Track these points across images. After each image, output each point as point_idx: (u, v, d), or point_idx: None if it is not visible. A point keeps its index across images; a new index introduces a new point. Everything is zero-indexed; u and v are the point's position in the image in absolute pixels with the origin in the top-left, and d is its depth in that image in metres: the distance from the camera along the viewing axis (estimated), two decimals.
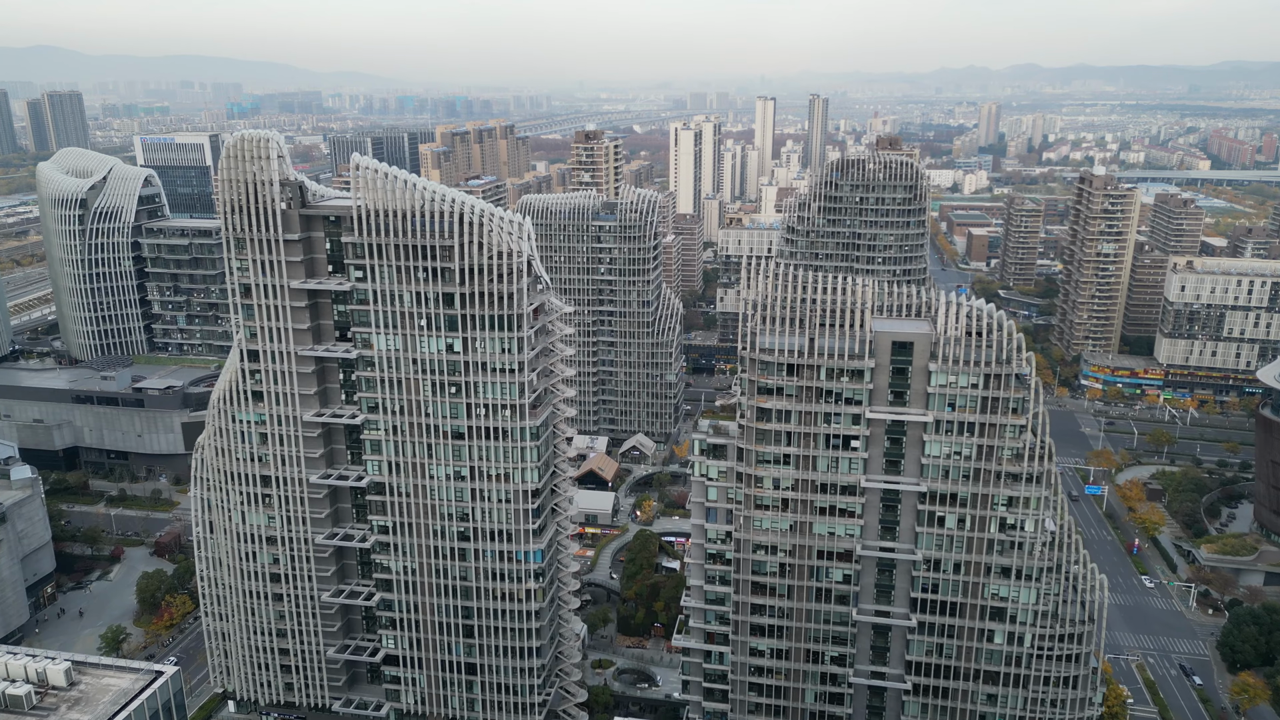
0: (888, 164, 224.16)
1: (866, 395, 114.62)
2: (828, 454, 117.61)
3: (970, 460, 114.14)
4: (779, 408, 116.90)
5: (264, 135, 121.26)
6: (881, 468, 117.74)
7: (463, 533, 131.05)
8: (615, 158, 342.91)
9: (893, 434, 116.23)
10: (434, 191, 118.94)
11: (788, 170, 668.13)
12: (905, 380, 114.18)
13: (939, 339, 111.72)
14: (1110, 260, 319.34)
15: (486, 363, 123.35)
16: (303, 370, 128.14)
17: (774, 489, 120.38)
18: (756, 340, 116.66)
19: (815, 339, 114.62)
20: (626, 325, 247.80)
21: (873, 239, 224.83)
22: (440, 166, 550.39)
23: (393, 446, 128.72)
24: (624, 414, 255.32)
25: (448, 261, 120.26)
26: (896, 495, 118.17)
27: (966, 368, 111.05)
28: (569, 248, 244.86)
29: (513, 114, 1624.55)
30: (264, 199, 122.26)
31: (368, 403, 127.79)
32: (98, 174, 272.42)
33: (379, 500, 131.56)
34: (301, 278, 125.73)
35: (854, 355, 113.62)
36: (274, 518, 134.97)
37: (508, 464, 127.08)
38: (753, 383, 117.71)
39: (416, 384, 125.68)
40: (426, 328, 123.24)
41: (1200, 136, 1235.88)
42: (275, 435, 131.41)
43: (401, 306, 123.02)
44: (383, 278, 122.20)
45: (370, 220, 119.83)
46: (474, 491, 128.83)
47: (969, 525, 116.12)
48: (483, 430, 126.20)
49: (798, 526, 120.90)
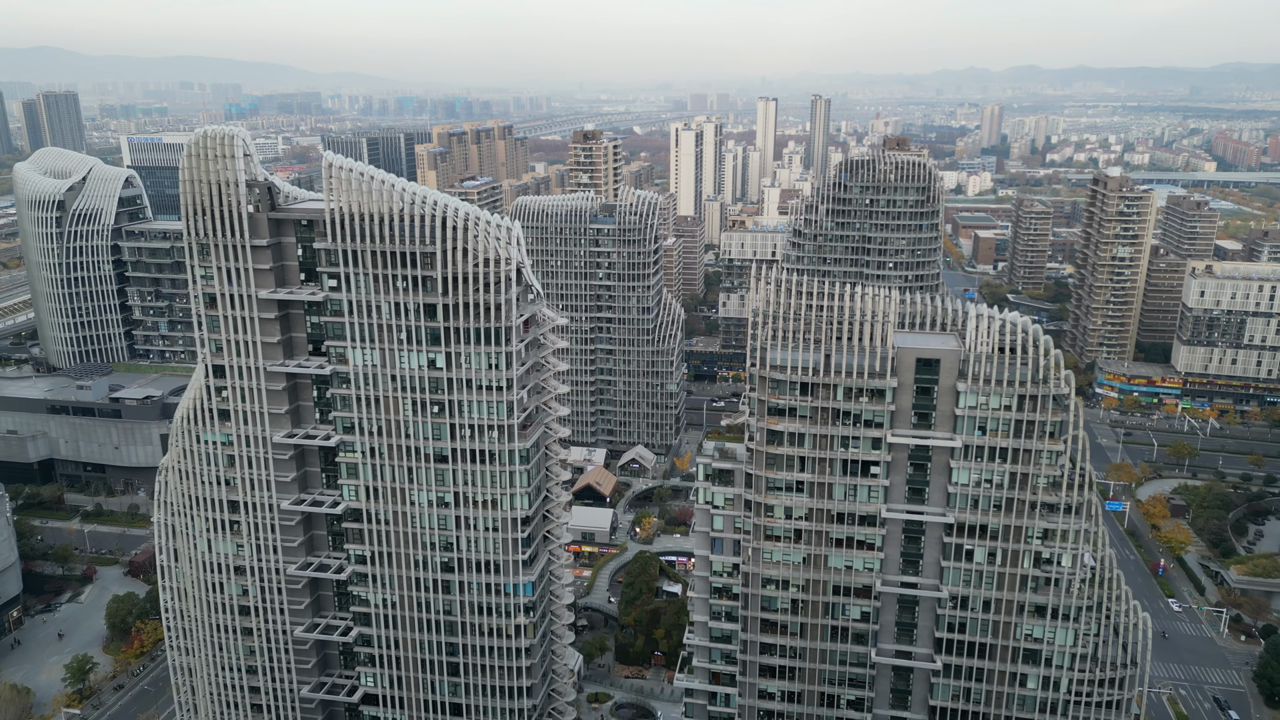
0: (899, 164, 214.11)
1: (888, 417, 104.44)
2: (845, 481, 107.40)
3: (1002, 489, 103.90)
4: (791, 430, 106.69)
5: (229, 131, 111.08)
6: (904, 496, 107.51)
7: (447, 563, 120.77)
8: (614, 158, 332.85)
9: (916, 460, 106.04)
10: (414, 193, 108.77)
11: (790, 171, 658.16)
12: (930, 401, 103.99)
13: (968, 355, 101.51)
14: (1126, 264, 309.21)
15: (472, 380, 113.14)
16: (273, 387, 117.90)
17: (786, 518, 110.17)
18: (767, 356, 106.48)
19: (832, 355, 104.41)
20: (626, 332, 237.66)
21: (883, 243, 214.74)
22: (437, 168, 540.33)
23: (370, 470, 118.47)
24: (623, 425, 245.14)
25: (429, 269, 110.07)
26: (920, 526, 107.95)
27: (998, 388, 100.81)
28: (566, 252, 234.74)
29: (512, 115, 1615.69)
30: (229, 201, 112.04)
31: (343, 423, 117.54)
32: (76, 174, 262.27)
33: (356, 528, 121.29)
34: (271, 287, 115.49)
35: (874, 373, 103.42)
36: (243, 546, 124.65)
37: (495, 489, 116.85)
38: (762, 402, 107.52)
39: (396, 402, 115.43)
40: (406, 341, 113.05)
41: (1204, 138, 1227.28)
42: (243, 457, 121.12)
43: (379, 318, 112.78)
44: (359, 287, 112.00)
45: (345, 224, 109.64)
46: (459, 519, 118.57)
47: (1000, 560, 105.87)
48: (468, 453, 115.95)
49: (811, 560, 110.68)
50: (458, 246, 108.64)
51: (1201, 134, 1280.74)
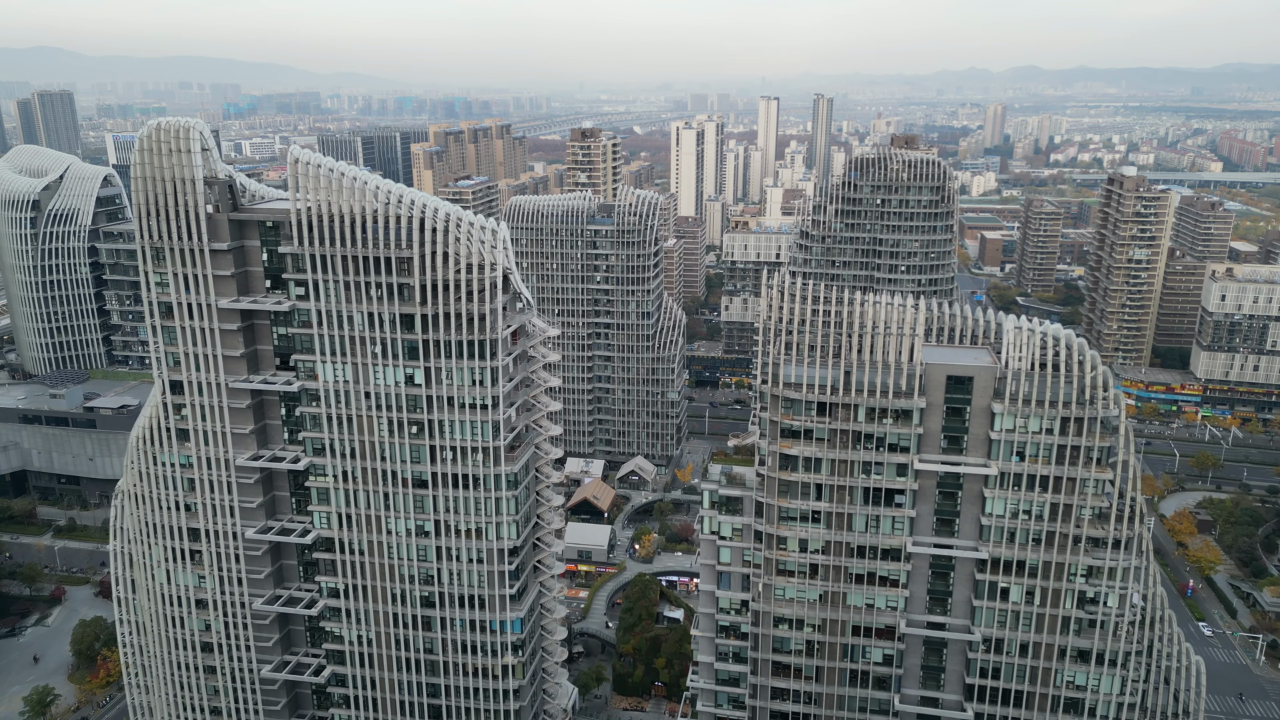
0: (912, 163, 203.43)
1: (914, 441, 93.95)
2: (866, 511, 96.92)
3: (1042, 521, 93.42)
4: (807, 454, 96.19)
5: (184, 123, 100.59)
6: (931, 528, 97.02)
7: (427, 598, 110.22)
8: (614, 157, 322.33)
9: (946, 488, 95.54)
10: (389, 192, 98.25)
11: (793, 171, 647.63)
12: (962, 423, 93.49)
13: (1004, 373, 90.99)
14: (1142, 267, 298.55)
15: (454, 397, 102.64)
16: (236, 405, 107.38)
17: (800, 552, 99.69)
18: (779, 372, 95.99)
19: (852, 371, 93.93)
20: (625, 339, 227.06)
21: (895, 245, 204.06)
22: (433, 167, 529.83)
23: (343, 496, 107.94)
24: (622, 435, 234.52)
25: (406, 276, 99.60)
26: (950, 562, 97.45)
27: (1039, 409, 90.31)
28: (562, 254, 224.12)
29: (512, 115, 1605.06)
30: (185, 200, 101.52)
31: (313, 444, 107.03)
32: (53, 173, 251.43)
33: (328, 558, 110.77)
34: (233, 295, 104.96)
35: (900, 392, 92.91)
36: (205, 577, 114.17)
37: (480, 518, 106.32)
38: (774, 423, 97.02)
39: (370, 422, 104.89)
40: (381, 355, 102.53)
41: (1209, 138, 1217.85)
42: (205, 481, 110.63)
43: (351, 330, 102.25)
44: (328, 295, 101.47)
45: (313, 226, 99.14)
46: (440, 550, 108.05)
47: (1039, 599, 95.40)
48: (450, 478, 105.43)
49: (829, 597, 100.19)
50: (438, 251, 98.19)
51: (1205, 134, 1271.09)
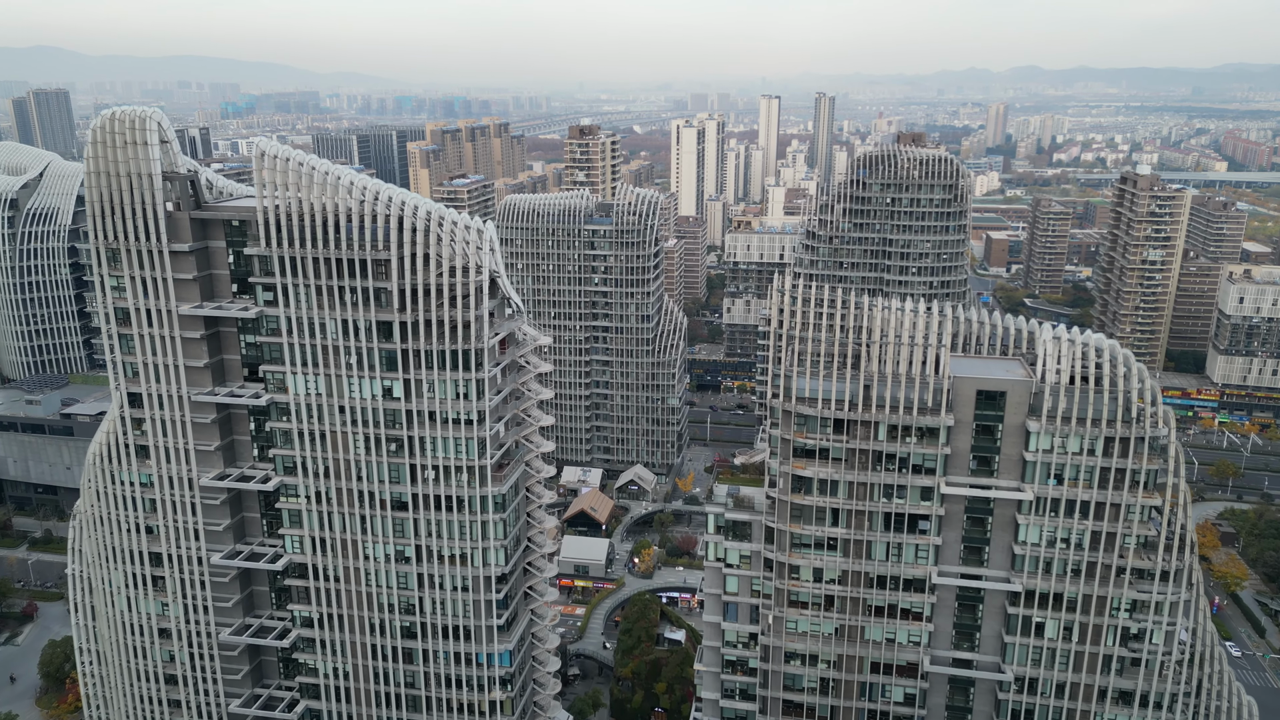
0: (923, 160, 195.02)
1: (941, 462, 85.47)
2: (887, 538, 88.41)
3: (1081, 550, 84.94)
4: (823, 476, 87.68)
5: (141, 112, 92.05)
6: (959, 557, 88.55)
7: (408, 628, 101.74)
8: (613, 155, 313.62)
9: (975, 513, 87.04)
10: (364, 188, 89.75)
11: (794, 170, 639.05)
12: (994, 442, 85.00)
13: (1041, 388, 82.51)
14: (1157, 268, 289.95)
15: (436, 412, 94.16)
16: (200, 419, 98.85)
17: (814, 582, 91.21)
18: (792, 385, 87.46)
19: (873, 386, 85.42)
20: (624, 343, 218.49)
21: (906, 245, 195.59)
22: (429, 165, 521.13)
23: (316, 518, 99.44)
24: (620, 443, 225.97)
25: (384, 280, 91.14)
26: (978, 594, 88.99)
27: (1079, 427, 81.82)
28: (559, 255, 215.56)
29: (512, 114, 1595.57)
30: (142, 197, 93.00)
31: (284, 462, 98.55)
32: (32, 171, 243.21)
33: (301, 585, 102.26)
34: (195, 301, 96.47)
35: (925, 408, 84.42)
36: (168, 605, 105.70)
37: (465, 542, 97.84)
38: (786, 441, 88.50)
39: (345, 438, 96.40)
40: (357, 366, 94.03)
41: (1212, 138, 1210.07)
42: (167, 501, 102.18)
43: (324, 338, 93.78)
44: (299, 301, 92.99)
45: (281, 226, 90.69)
46: (421, 577, 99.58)
47: (1077, 635, 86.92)
48: (432, 499, 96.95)
49: (845, 631, 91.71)
50: (418, 252, 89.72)
51: (1209, 134, 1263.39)
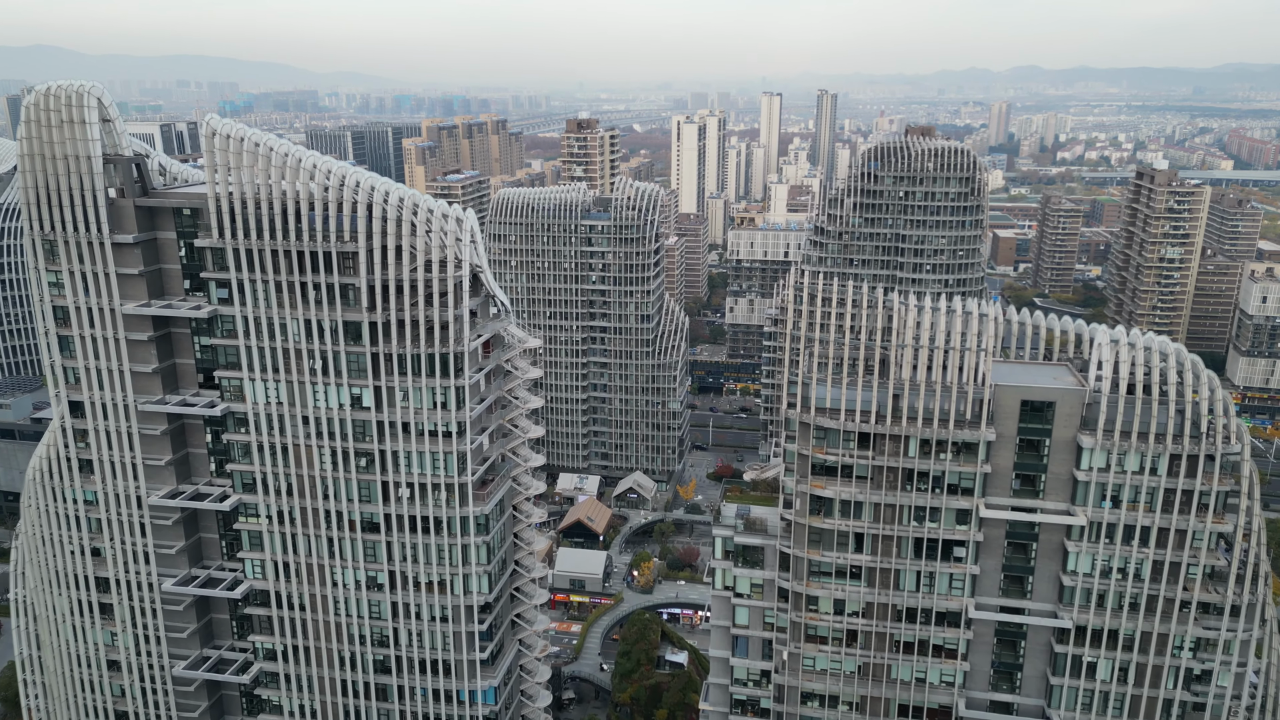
0: (938, 152, 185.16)
1: (980, 481, 75.47)
2: (918, 566, 78.45)
3: (1141, 582, 74.96)
4: (845, 496, 77.68)
5: (79, 87, 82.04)
6: (998, 588, 78.57)
7: (382, 662, 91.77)
8: (612, 150, 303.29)
9: (1017, 539, 77.08)
10: (329, 171, 79.73)
11: (797, 168, 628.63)
12: (1040, 459, 75.00)
13: (1095, 397, 72.52)
14: (1175, 266, 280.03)
15: (411, 423, 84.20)
16: (148, 431, 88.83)
17: (835, 614, 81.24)
18: (810, 394, 77.45)
19: (903, 395, 75.41)
20: (622, 344, 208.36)
21: (920, 241, 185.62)
22: (425, 162, 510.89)
23: (279, 540, 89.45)
24: (619, 449, 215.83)
25: (351, 275, 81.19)
26: (1020, 630, 79.02)
27: (1140, 443, 71.83)
28: (554, 252, 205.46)
29: (511, 114, 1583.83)
30: (81, 182, 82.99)
31: (242, 478, 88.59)
32: (6, 163, 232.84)
33: (263, 615, 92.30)
34: (142, 298, 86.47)
35: (963, 420, 74.43)
36: (118, 636, 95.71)
37: (444, 568, 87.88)
38: (804, 457, 78.49)
39: (310, 453, 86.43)
40: (322, 372, 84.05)
41: (1216, 137, 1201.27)
42: (114, 521, 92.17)
43: (285, 341, 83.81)
44: (256, 298, 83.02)
45: (235, 214, 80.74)
46: (396, 606, 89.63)
47: (1133, 677, 76.93)
48: (407, 520, 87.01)
49: (870, 669, 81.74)
50: (389, 244, 79.74)
51: (1212, 133, 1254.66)
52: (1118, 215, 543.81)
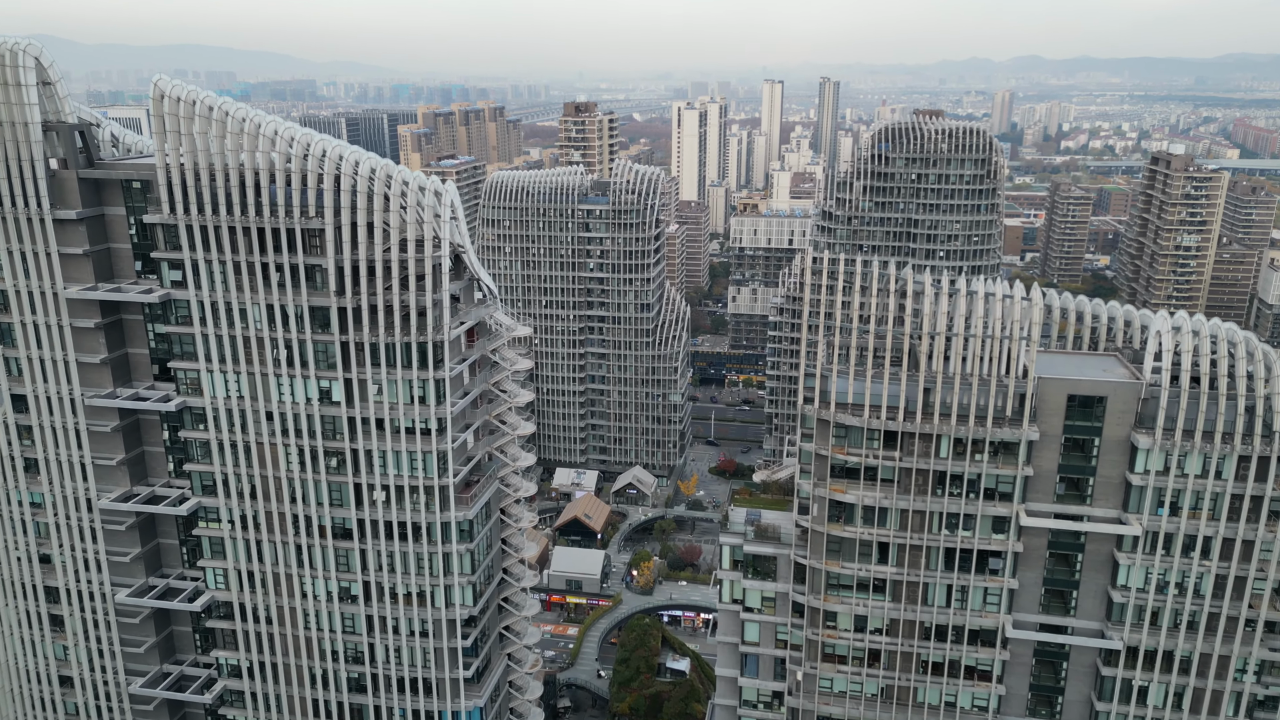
0: (952, 133, 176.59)
1: (1020, 485, 67.40)
2: (949, 579, 70.50)
3: (1201, 599, 67.00)
4: (869, 502, 69.65)
5: (14, 45, 73.47)
6: (1038, 604, 70.60)
7: (357, 680, 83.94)
8: (611, 134, 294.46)
9: (1061, 550, 69.09)
10: (292, 139, 71.37)
11: (799, 155, 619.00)
12: (1088, 461, 66.90)
13: (1153, 391, 64.41)
14: (1191, 254, 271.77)
15: (386, 419, 76.09)
16: (98, 427, 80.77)
17: (856, 631, 73.29)
18: (831, 388, 69.32)
19: (935, 389, 67.27)
20: (621, 334, 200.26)
21: (933, 226, 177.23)
22: (421, 149, 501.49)
23: (242, 547, 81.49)
24: (618, 443, 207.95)
25: (318, 255, 73.00)
26: (1062, 651, 71.11)
27: (1205, 444, 63.75)
28: (550, 238, 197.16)
29: (510, 103, 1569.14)
30: (18, 152, 74.70)
31: (201, 480, 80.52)
32: None
33: (227, 628, 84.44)
34: (89, 281, 78.30)
35: (1002, 417, 66.32)
36: (70, 650, 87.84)
37: (424, 578, 79.93)
38: (822, 458, 70.40)
39: (275, 452, 78.36)
40: (286, 363, 75.90)
41: (1220, 126, 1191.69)
42: (63, 526, 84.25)
43: (246, 328, 75.65)
44: (213, 281, 74.81)
45: (188, 187, 72.46)
46: (372, 620, 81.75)
47: (1189, 703, 69.07)
48: (382, 526, 79.03)
49: (894, 693, 73.86)
50: (359, 220, 71.47)
51: (1217, 122, 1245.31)
52: (1125, 204, 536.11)
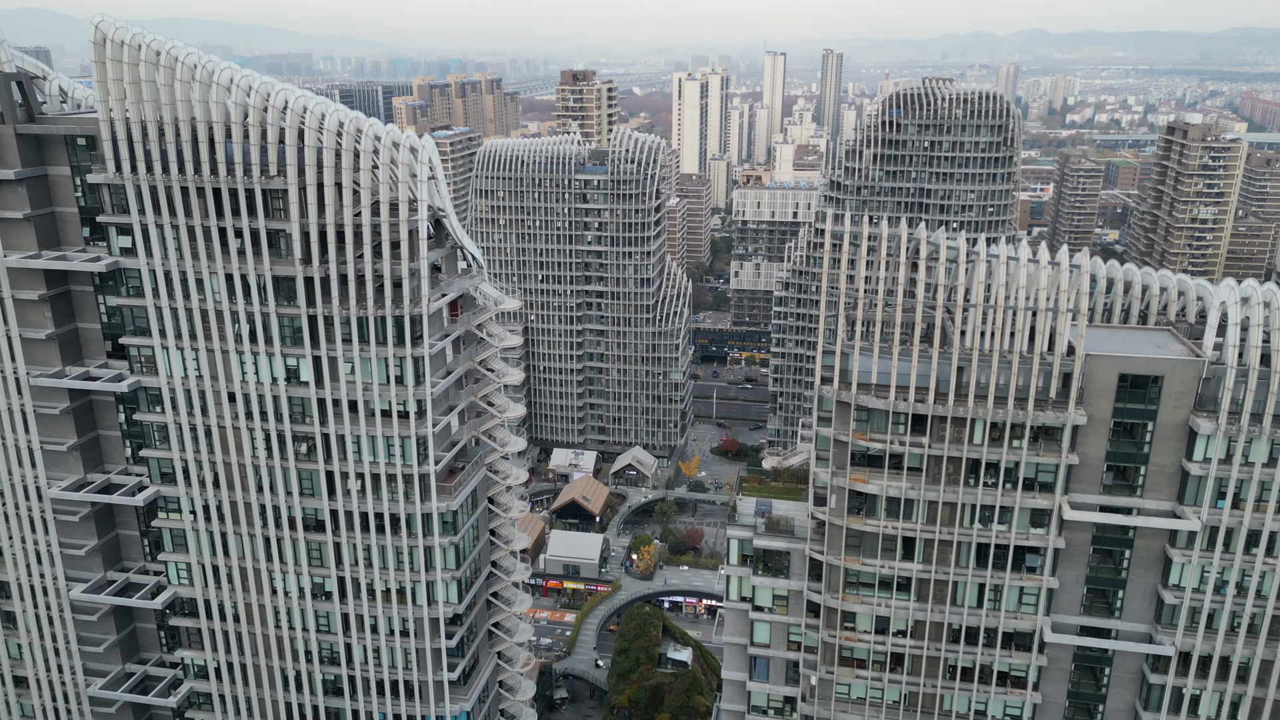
0: (966, 98, 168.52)
1: (1063, 475, 60.44)
2: (982, 577, 63.74)
3: (1263, 601, 60.26)
4: (893, 493, 62.76)
5: None
6: (1079, 605, 63.86)
7: (334, 683, 77.53)
8: (610, 104, 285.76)
9: (1107, 545, 62.26)
10: (248, 89, 63.81)
11: (802, 128, 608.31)
12: (1139, 448, 59.90)
13: (1217, 370, 57.33)
14: (1208, 227, 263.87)
15: (359, 401, 69.10)
16: (46, 409, 73.75)
17: (877, 633, 66.65)
18: (851, 365, 62.25)
19: (969, 368, 60.19)
20: (621, 310, 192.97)
21: (946, 196, 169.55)
22: (416, 122, 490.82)
23: (206, 540, 74.76)
24: (617, 423, 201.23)
25: (281, 219, 65.67)
26: (1105, 656, 64.49)
27: (1275, 429, 56.77)
28: (546, 209, 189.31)
29: (509, 78, 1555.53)
30: None
31: (160, 466, 73.65)
32: None
33: (191, 627, 77.92)
34: (31, 248, 70.97)
35: (1044, 399, 59.29)
36: (24, 648, 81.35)
37: (404, 574, 73.24)
38: (842, 444, 63.45)
39: (239, 436, 71.41)
40: (249, 339, 68.78)
41: (1227, 100, 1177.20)
42: (11, 516, 77.49)
43: (203, 300, 68.46)
44: (165, 248, 67.52)
45: (135, 143, 65.00)
46: (348, 618, 75.17)
47: (1247, 716, 62.46)
48: (357, 517, 72.24)
49: (918, 700, 67.34)
50: (326, 180, 64.07)
51: (1223, 96, 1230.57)
52: (1134, 178, 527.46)
